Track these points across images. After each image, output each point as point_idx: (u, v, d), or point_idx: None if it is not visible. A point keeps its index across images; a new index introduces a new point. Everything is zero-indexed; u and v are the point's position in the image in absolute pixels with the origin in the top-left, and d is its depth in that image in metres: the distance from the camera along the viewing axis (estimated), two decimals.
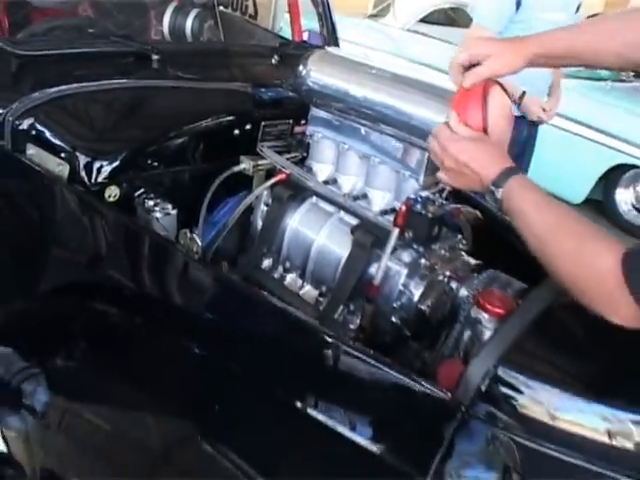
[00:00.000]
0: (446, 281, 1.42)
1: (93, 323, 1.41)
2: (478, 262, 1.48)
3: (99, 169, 1.49)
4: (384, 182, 1.48)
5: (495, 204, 1.10)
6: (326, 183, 1.56)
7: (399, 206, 1.38)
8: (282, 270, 1.58)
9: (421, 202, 1.37)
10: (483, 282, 1.39)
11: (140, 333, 1.36)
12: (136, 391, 1.25)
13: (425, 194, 1.38)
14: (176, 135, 1.64)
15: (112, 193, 1.50)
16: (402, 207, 1.36)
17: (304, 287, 1.54)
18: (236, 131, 1.72)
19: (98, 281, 1.48)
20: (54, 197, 1.52)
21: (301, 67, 1.56)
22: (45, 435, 1.24)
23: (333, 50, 1.76)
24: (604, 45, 1.17)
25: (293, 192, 1.56)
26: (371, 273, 1.40)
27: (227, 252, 1.63)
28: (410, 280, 1.39)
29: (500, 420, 1.04)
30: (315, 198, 1.56)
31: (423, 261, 1.41)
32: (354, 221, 1.48)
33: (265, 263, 1.59)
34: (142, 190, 1.55)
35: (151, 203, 1.52)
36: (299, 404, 1.18)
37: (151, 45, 1.93)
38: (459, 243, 1.52)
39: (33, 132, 1.58)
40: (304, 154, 1.64)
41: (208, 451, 1.16)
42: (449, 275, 1.42)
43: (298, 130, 1.75)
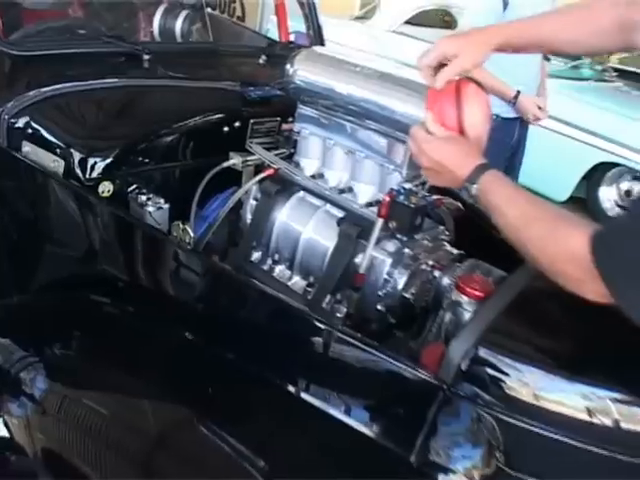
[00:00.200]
0: (429, 270, 1.46)
1: (89, 312, 1.45)
2: (460, 252, 1.53)
3: (93, 165, 1.54)
4: (369, 176, 1.52)
5: (472, 199, 1.16)
6: (313, 177, 1.59)
7: (383, 197, 1.43)
8: (271, 262, 1.61)
9: (404, 193, 1.41)
10: (464, 270, 1.43)
11: (136, 321, 1.40)
12: (132, 377, 1.29)
13: (408, 186, 1.42)
14: (167, 132, 1.68)
15: (106, 188, 1.54)
16: (385, 198, 1.40)
17: (293, 278, 1.58)
18: (225, 128, 1.75)
19: (94, 272, 1.53)
20: (50, 192, 1.56)
21: (288, 66, 1.59)
22: (45, 420, 1.27)
23: (319, 49, 1.79)
24: (565, 34, 1.24)
25: (281, 187, 1.59)
26: (357, 263, 1.44)
27: (218, 245, 1.66)
28: (394, 269, 1.43)
29: (480, 397, 1.09)
30: (302, 192, 1.60)
31: (407, 251, 1.45)
32: (340, 213, 1.52)
33: (255, 256, 1.63)
34: (135, 186, 1.59)
35: (144, 198, 1.56)
36: (290, 386, 1.23)
37: (142, 45, 1.97)
38: (441, 234, 1.57)
39: (28, 130, 1.62)
40: (292, 150, 1.67)
41: (203, 433, 1.19)
42: (432, 264, 1.46)
43: (286, 127, 1.78)
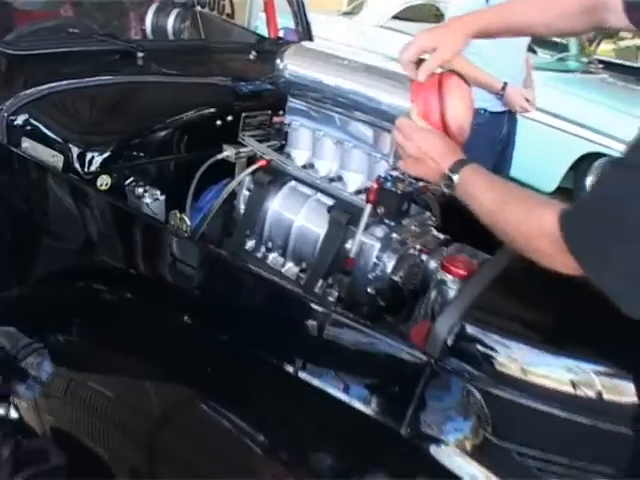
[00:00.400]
0: (417, 254, 1.52)
1: (91, 300, 1.51)
2: (446, 236, 1.59)
3: (91, 160, 1.59)
4: (357, 165, 1.57)
5: (448, 190, 1.23)
6: (304, 168, 1.64)
7: (371, 184, 1.48)
8: (265, 250, 1.67)
9: (391, 180, 1.46)
10: (450, 254, 1.48)
11: (136, 307, 1.46)
12: (134, 360, 1.34)
13: (395, 173, 1.47)
14: (162, 127, 1.73)
15: (104, 182, 1.59)
16: (373, 185, 1.46)
17: (286, 265, 1.64)
18: (218, 122, 1.80)
19: (95, 262, 1.58)
20: (50, 186, 1.61)
21: (278, 61, 1.64)
22: (52, 403, 1.31)
23: (307, 44, 1.84)
24: (536, 19, 1.33)
25: (273, 177, 1.64)
26: (347, 248, 1.50)
27: (213, 235, 1.71)
28: (383, 253, 1.48)
29: (467, 371, 1.15)
30: (294, 182, 1.65)
31: (395, 236, 1.50)
32: (330, 201, 1.57)
33: (248, 244, 1.68)
34: (132, 178, 1.64)
35: (141, 190, 1.61)
36: (286, 365, 1.28)
37: (135, 43, 2.02)
38: (428, 219, 1.63)
39: (27, 127, 1.67)
40: (283, 142, 1.73)
41: (204, 411, 1.24)
42: (419, 248, 1.52)
43: (277, 120, 1.84)
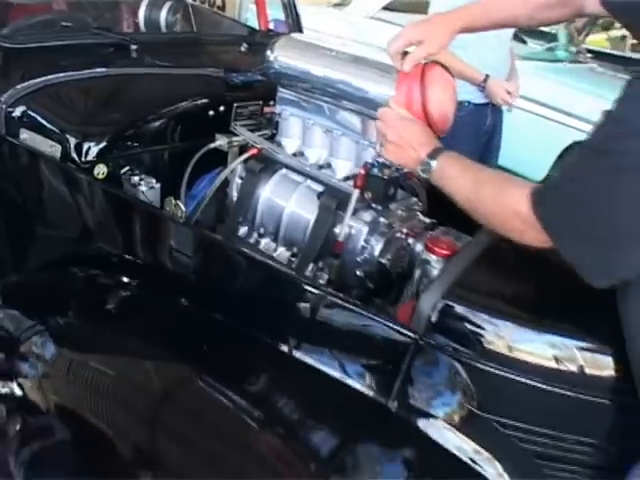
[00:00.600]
0: (403, 237, 1.57)
1: (90, 284, 1.56)
2: (432, 220, 1.65)
3: (88, 149, 1.64)
4: (346, 152, 1.63)
5: (426, 176, 1.29)
6: (294, 156, 1.70)
7: (358, 170, 1.54)
8: (257, 236, 1.72)
9: (377, 166, 1.52)
10: (435, 236, 1.54)
11: (134, 290, 1.52)
12: (133, 341, 1.39)
13: (382, 160, 1.52)
14: (157, 117, 1.78)
15: (101, 170, 1.64)
16: (360, 170, 1.52)
17: (277, 249, 1.69)
18: (211, 112, 1.85)
19: (93, 248, 1.63)
20: (49, 175, 1.66)
21: (268, 52, 1.69)
22: (55, 381, 1.37)
23: (297, 36, 1.89)
24: (518, 11, 1.41)
25: (265, 165, 1.70)
26: (337, 233, 1.55)
27: (206, 222, 1.77)
28: (371, 237, 1.54)
29: (450, 346, 1.20)
30: (285, 170, 1.70)
31: (382, 220, 1.56)
32: (320, 188, 1.62)
33: (241, 230, 1.73)
34: (128, 167, 1.69)
35: (136, 179, 1.67)
36: (280, 344, 1.33)
37: (129, 36, 2.07)
38: (415, 204, 1.69)
39: (25, 118, 1.72)
40: (273, 131, 1.78)
41: (203, 388, 1.29)
42: (406, 232, 1.58)
43: (267, 110, 1.89)
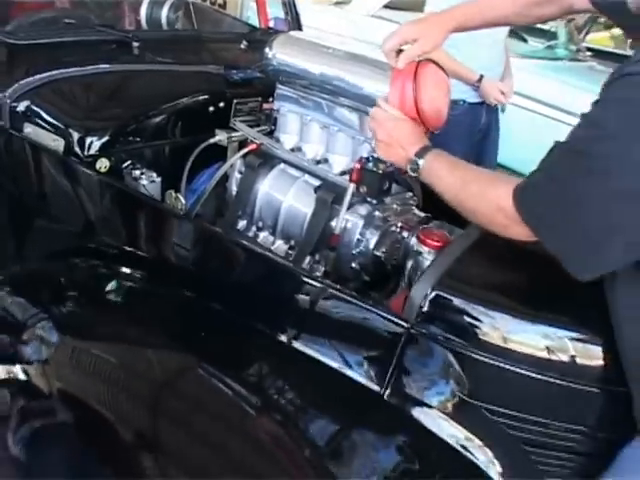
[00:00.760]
0: (398, 231, 1.60)
1: (93, 275, 1.60)
2: (426, 214, 1.68)
3: (90, 144, 1.68)
4: (342, 147, 1.66)
5: (414, 174, 1.33)
6: (292, 151, 1.73)
7: (354, 165, 1.57)
8: (255, 229, 1.76)
9: (372, 161, 1.56)
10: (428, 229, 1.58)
11: (136, 280, 1.55)
12: (135, 330, 1.43)
13: (377, 155, 1.54)
14: (158, 113, 1.81)
15: (103, 164, 1.68)
16: (356, 165, 1.55)
17: (275, 243, 1.72)
18: (211, 108, 1.89)
19: (96, 239, 1.67)
20: (52, 168, 1.71)
21: (267, 50, 1.72)
22: (59, 367, 1.40)
23: (296, 34, 1.92)
24: (509, 10, 1.47)
25: (263, 160, 1.73)
26: (333, 226, 1.58)
27: (206, 216, 1.80)
28: (366, 230, 1.57)
29: (441, 335, 1.24)
30: (283, 164, 1.74)
31: (377, 213, 1.60)
32: (317, 182, 1.66)
33: (240, 224, 1.77)
34: (129, 161, 1.73)
35: (138, 172, 1.70)
36: (277, 333, 1.37)
37: (131, 33, 2.11)
38: (409, 199, 1.72)
39: (29, 113, 1.76)
40: (272, 127, 1.81)
41: (202, 375, 1.33)
42: (401, 225, 1.61)
43: (266, 106, 1.91)
